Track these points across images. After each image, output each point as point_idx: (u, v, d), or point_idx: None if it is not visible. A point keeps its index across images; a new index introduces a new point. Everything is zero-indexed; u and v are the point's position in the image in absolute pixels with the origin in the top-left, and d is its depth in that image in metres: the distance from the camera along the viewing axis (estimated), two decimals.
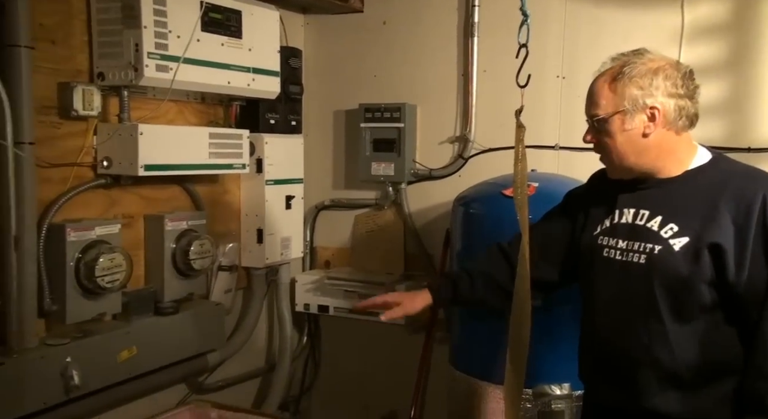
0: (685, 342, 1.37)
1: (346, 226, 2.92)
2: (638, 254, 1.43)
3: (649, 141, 1.42)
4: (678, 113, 1.41)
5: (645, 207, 1.45)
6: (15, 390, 1.77)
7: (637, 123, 1.41)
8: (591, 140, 1.49)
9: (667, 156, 1.44)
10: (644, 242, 1.43)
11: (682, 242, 1.38)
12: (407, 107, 2.68)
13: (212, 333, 2.42)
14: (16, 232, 1.80)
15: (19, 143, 1.77)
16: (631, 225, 1.46)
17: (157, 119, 2.24)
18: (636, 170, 1.46)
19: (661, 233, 1.40)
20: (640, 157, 1.43)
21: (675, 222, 1.40)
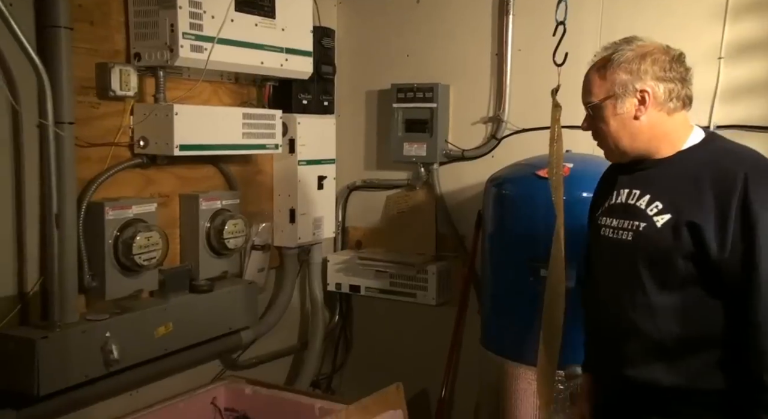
0: (668, 315, 1.41)
1: (377, 206, 2.93)
2: (626, 232, 1.49)
3: (640, 123, 1.47)
4: (668, 96, 1.46)
5: (637, 187, 1.51)
6: (58, 363, 1.82)
7: (627, 107, 1.47)
8: (587, 127, 1.55)
9: (660, 138, 1.49)
10: (632, 220, 1.49)
11: (664, 219, 1.43)
12: (440, 87, 2.66)
13: (246, 311, 2.46)
14: (57, 210, 1.84)
15: (59, 123, 1.81)
16: (624, 204, 1.52)
17: (191, 100, 2.26)
18: (631, 153, 1.51)
19: (647, 210, 1.46)
20: (633, 140, 1.49)
21: (661, 200, 1.45)
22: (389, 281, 2.74)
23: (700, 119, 2.27)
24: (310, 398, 2.41)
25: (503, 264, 2.25)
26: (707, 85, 2.24)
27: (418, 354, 2.80)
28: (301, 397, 2.41)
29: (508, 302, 2.21)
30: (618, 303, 1.48)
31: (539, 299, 1.73)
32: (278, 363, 2.81)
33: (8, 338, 1.79)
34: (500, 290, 2.27)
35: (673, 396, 1.43)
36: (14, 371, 1.79)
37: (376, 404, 2.24)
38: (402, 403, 2.33)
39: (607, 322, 1.52)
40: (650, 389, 1.46)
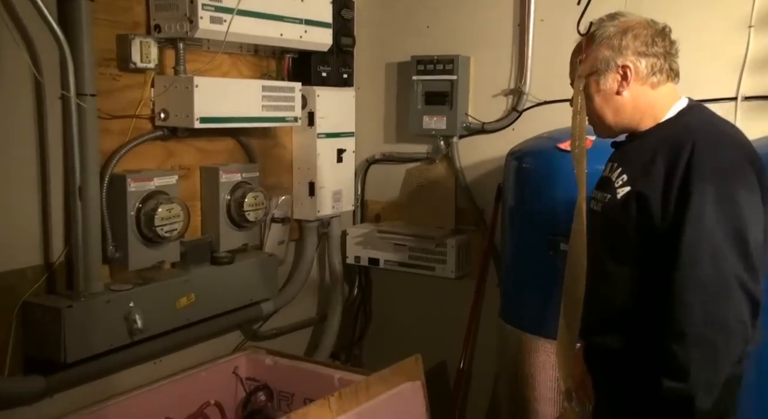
0: (623, 285, 1.45)
1: (396, 180, 2.92)
2: (599, 203, 1.55)
3: (623, 98, 1.50)
4: (650, 70, 1.48)
5: (616, 160, 1.55)
6: (84, 332, 1.86)
7: (610, 82, 1.50)
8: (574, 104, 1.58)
9: (643, 111, 1.51)
10: (605, 192, 1.53)
11: (624, 191, 1.46)
12: (460, 59, 2.62)
13: (266, 283, 2.48)
14: (81, 182, 1.87)
15: (81, 95, 1.82)
16: (604, 177, 1.57)
17: (211, 72, 2.26)
18: (615, 128, 1.54)
19: (614, 183, 1.50)
20: (617, 114, 1.52)
21: (627, 173, 1.48)
22: (408, 254, 2.74)
23: (728, 90, 2.22)
24: (330, 369, 2.44)
25: (523, 238, 2.24)
26: (736, 54, 2.19)
27: (436, 327, 2.81)
28: (321, 368, 2.45)
29: (528, 276, 2.20)
30: (589, 269, 1.53)
31: (559, 272, 1.73)
32: (298, 335, 2.85)
33: (36, 306, 1.83)
34: (520, 264, 2.26)
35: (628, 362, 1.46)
36: (42, 338, 1.83)
37: (395, 375, 2.26)
38: (421, 375, 2.35)
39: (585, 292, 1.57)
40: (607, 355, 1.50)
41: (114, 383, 2.10)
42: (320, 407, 1.99)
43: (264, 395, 2.44)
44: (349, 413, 2.05)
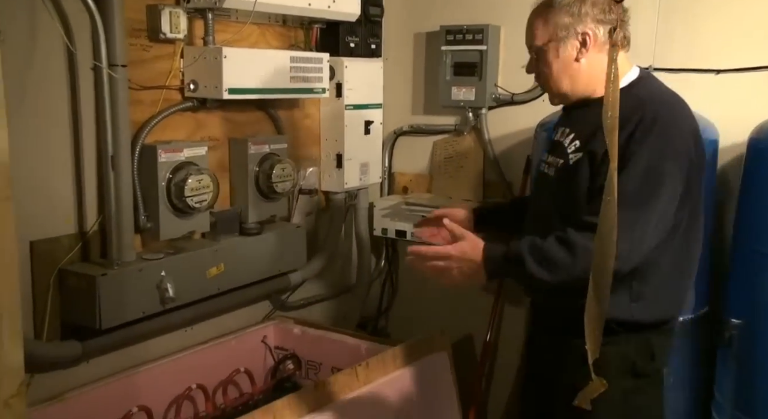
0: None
1: (424, 152, 2.91)
2: (552, 167, 1.60)
3: (580, 66, 1.54)
4: (607, 37, 1.51)
5: (568, 125, 1.60)
6: (117, 299, 1.90)
7: (569, 49, 1.54)
8: (530, 70, 1.63)
9: (598, 79, 1.53)
10: (557, 156, 1.59)
11: (577, 157, 1.52)
12: (490, 29, 2.58)
13: (294, 254, 2.50)
14: (113, 152, 1.89)
15: (112, 66, 1.83)
16: (555, 142, 1.62)
17: (240, 43, 2.26)
18: (571, 96, 1.59)
19: (567, 148, 1.55)
20: (574, 82, 1.56)
21: (579, 139, 1.54)
22: None
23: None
24: (357, 339, 2.47)
25: None
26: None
27: (463, 299, 2.81)
28: (348, 338, 2.48)
29: None
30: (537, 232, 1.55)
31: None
32: (325, 305, 2.88)
33: (71, 274, 1.87)
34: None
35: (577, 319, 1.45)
36: (78, 305, 1.87)
37: (421, 346, 2.28)
38: (447, 346, 2.37)
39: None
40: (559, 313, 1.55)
41: (147, 349, 2.16)
42: (348, 376, 2.02)
43: (292, 363, 2.48)
44: (377, 383, 2.08)
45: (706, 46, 2.25)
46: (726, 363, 2.07)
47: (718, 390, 2.11)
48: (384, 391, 2.10)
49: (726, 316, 2.03)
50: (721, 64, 2.22)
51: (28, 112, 1.76)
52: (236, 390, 2.36)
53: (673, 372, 2.11)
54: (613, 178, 1.54)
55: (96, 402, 1.94)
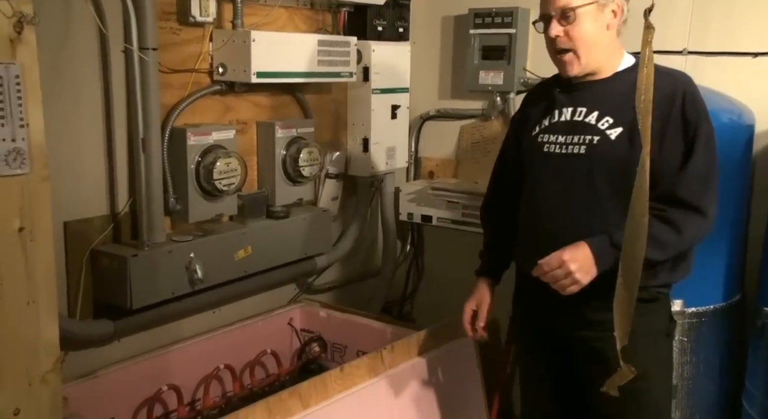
0: (621, 221, 1.47)
1: (451, 137, 2.89)
2: (578, 146, 1.60)
3: (609, 35, 1.59)
4: (623, 15, 1.59)
5: (582, 105, 1.62)
6: (148, 280, 1.93)
7: (606, 16, 1.57)
8: (558, 33, 1.59)
9: (610, 55, 1.61)
10: (583, 134, 1.60)
11: (617, 132, 1.56)
12: (520, 12, 2.54)
13: (320, 238, 2.52)
14: (144, 134, 1.91)
15: (143, 49, 1.85)
16: (570, 121, 1.63)
17: (268, 26, 2.26)
18: (592, 65, 1.60)
19: (598, 125, 1.58)
20: (600, 51, 1.59)
21: (610, 116, 1.57)
22: (461, 212, 2.73)
23: None
24: (382, 323, 2.48)
25: None
26: None
27: None
28: (373, 322, 2.49)
29: None
30: (570, 212, 1.61)
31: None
32: (350, 289, 2.89)
33: (103, 254, 1.91)
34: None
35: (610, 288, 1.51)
36: (110, 285, 1.91)
37: (447, 331, 2.28)
38: None
39: (556, 232, 1.61)
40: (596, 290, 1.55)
41: (176, 330, 2.19)
42: (373, 359, 2.03)
43: (318, 346, 2.51)
44: (402, 366, 2.09)
45: (742, 29, 2.19)
46: (758, 352, 2.04)
47: (749, 379, 2.08)
48: (409, 375, 2.11)
49: (759, 304, 2.00)
50: (758, 47, 2.17)
51: (61, 94, 1.79)
52: (263, 371, 2.40)
53: (704, 361, 2.09)
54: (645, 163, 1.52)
55: (127, 380, 1.99)
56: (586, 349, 1.67)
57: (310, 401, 1.82)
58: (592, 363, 1.66)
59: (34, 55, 1.31)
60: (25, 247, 1.33)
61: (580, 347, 1.68)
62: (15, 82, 1.28)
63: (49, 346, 1.40)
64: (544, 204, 1.68)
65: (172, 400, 2.07)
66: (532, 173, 1.71)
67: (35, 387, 1.37)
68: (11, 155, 1.29)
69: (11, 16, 1.25)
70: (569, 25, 1.57)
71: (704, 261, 1.78)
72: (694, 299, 2.05)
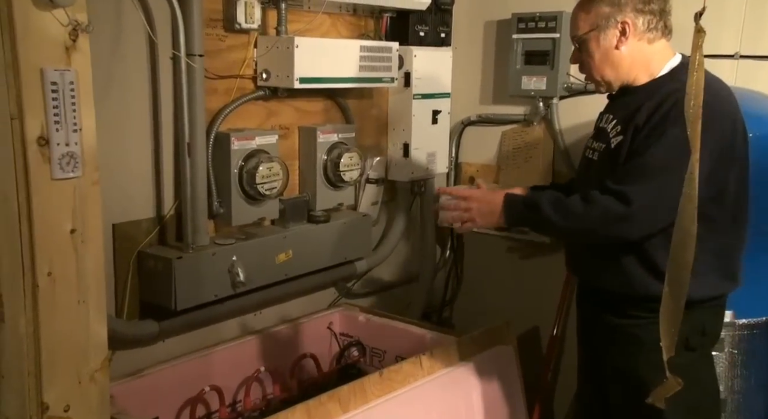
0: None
1: (492, 142, 2.87)
2: (596, 152, 1.69)
3: (621, 53, 1.62)
4: (646, 27, 1.61)
5: (612, 112, 1.69)
6: (192, 282, 1.96)
7: (610, 37, 1.62)
8: (575, 60, 1.72)
9: (639, 66, 1.64)
10: (601, 141, 1.68)
11: (618, 140, 1.61)
12: (564, 16, 2.51)
13: (360, 242, 2.52)
14: (189, 139, 1.95)
15: (190, 55, 1.88)
16: (601, 128, 1.70)
17: (311, 32, 2.29)
18: (614, 83, 1.67)
19: (609, 133, 1.64)
20: (615, 69, 1.64)
21: (620, 123, 1.62)
22: None
23: None
24: (421, 328, 2.47)
25: None
26: None
27: (529, 291, 2.78)
28: (412, 327, 2.48)
29: None
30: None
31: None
32: (390, 294, 2.89)
33: (149, 256, 1.95)
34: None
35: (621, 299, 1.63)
36: (155, 286, 1.95)
37: (486, 338, 2.26)
38: (512, 339, 2.34)
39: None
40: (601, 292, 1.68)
41: (218, 331, 2.23)
42: (412, 365, 2.03)
43: (357, 350, 2.51)
44: (441, 373, 2.08)
45: None
46: None
47: None
48: (448, 382, 2.09)
49: None
50: None
51: (111, 100, 1.83)
52: (303, 374, 2.41)
53: (755, 374, 2.03)
54: (694, 171, 1.48)
55: (171, 380, 2.02)
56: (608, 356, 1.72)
57: (350, 405, 1.83)
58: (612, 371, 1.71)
59: (88, 62, 1.35)
60: (77, 248, 1.37)
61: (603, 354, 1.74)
62: (69, 89, 1.32)
63: (98, 345, 1.43)
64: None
65: (214, 401, 2.10)
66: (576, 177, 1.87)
67: (84, 384, 1.41)
68: (65, 158, 1.33)
69: (67, 25, 1.30)
70: (580, 53, 1.70)
71: (756, 272, 1.73)
72: (745, 310, 1.99)
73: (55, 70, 1.29)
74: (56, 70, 1.30)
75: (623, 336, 1.66)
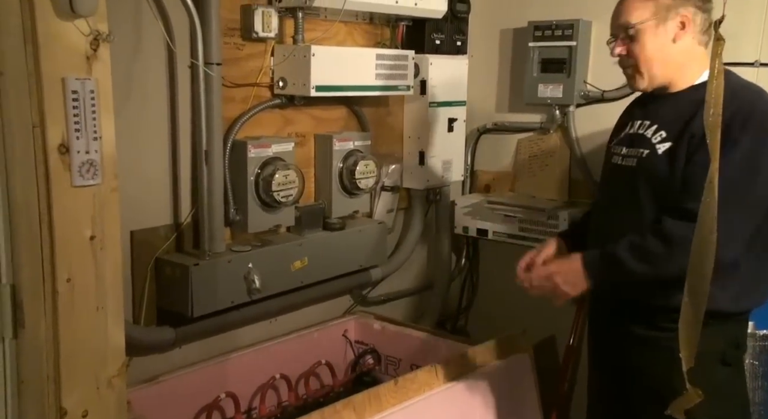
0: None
1: (508, 150, 2.86)
2: (632, 158, 1.62)
3: (676, 48, 1.56)
4: (702, 26, 1.55)
5: (648, 118, 1.63)
6: (208, 288, 1.97)
7: (669, 29, 1.55)
8: (621, 51, 1.61)
9: (685, 67, 1.58)
10: (639, 147, 1.61)
11: (665, 147, 1.55)
12: (581, 24, 2.50)
13: (375, 250, 2.52)
14: (207, 147, 1.96)
15: (208, 64, 1.90)
16: (635, 134, 1.65)
17: (328, 41, 2.30)
18: (658, 79, 1.60)
19: (651, 139, 1.59)
20: (665, 65, 1.58)
21: (665, 129, 1.57)
22: (518, 226, 2.69)
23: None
24: (436, 337, 2.46)
25: None
26: None
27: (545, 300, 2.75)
28: (428, 335, 2.48)
29: None
30: (617, 224, 1.62)
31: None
32: (405, 302, 2.89)
33: (166, 263, 1.96)
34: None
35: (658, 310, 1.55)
36: (172, 293, 1.96)
37: (502, 347, 2.25)
38: (529, 348, 2.32)
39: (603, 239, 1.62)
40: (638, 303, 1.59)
41: (234, 338, 2.23)
42: (427, 373, 2.02)
43: (372, 358, 2.51)
44: (456, 381, 2.07)
45: None
46: None
47: None
48: (463, 391, 2.08)
49: None
50: None
51: (130, 108, 1.85)
52: (317, 381, 2.41)
53: None
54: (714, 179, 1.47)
55: (188, 386, 2.03)
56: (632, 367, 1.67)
57: (365, 413, 1.82)
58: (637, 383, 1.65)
59: (108, 71, 1.37)
60: (96, 255, 1.38)
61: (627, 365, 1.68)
62: (90, 97, 1.34)
63: (116, 351, 1.44)
64: (602, 215, 1.74)
65: (229, 408, 2.10)
66: (601, 184, 1.82)
67: (102, 390, 1.42)
68: (85, 166, 1.35)
69: (88, 34, 1.31)
70: (631, 43, 1.60)
71: None
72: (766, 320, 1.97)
73: (76, 79, 1.31)
74: (77, 79, 1.31)
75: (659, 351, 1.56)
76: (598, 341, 1.84)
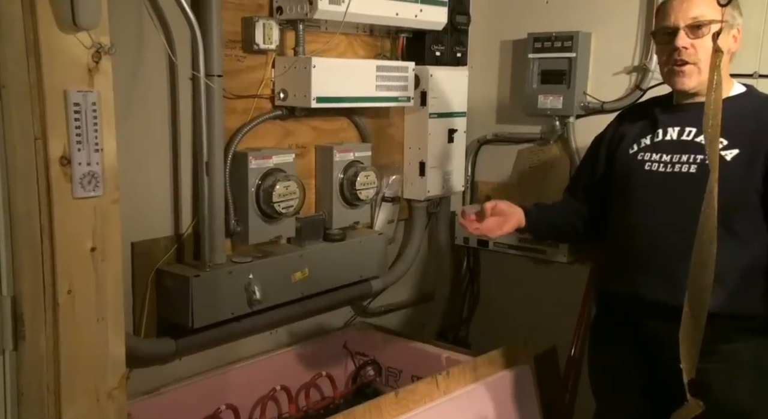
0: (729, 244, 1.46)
1: (508, 161, 2.86)
2: (687, 165, 1.60)
3: (727, 57, 1.59)
4: (738, 44, 1.63)
5: (691, 125, 1.62)
6: (209, 300, 1.97)
7: (729, 38, 1.60)
8: (686, 45, 1.59)
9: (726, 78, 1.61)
10: (694, 154, 1.60)
11: (733, 154, 1.54)
12: (581, 35, 2.51)
13: (376, 261, 2.52)
14: (208, 158, 1.97)
15: (209, 75, 1.91)
16: (678, 141, 1.63)
17: (328, 52, 2.31)
18: (704, 84, 1.53)
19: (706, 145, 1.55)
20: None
21: (724, 137, 1.51)
22: (518, 236, 2.69)
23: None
24: (437, 348, 2.46)
25: None
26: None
27: (547, 311, 2.75)
28: (428, 346, 2.47)
29: None
30: (675, 232, 1.55)
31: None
32: (406, 313, 2.88)
33: (167, 274, 1.96)
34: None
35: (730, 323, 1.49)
36: (173, 304, 1.96)
37: (503, 358, 2.24)
38: (530, 359, 2.32)
39: (659, 251, 1.60)
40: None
41: (234, 350, 2.23)
42: (428, 384, 2.01)
43: (373, 370, 2.50)
44: (457, 393, 2.06)
45: None
46: None
47: None
48: (464, 402, 2.07)
49: None
50: None
51: (131, 120, 1.86)
52: (318, 393, 2.40)
53: None
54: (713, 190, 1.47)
55: (188, 398, 2.02)
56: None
57: None
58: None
59: (110, 83, 1.37)
60: (97, 266, 1.38)
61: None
62: (92, 109, 1.35)
63: (116, 363, 1.44)
64: (645, 222, 1.67)
65: None
66: (629, 191, 1.72)
67: (102, 402, 1.41)
68: (86, 178, 1.35)
69: (90, 47, 1.32)
70: (697, 39, 1.59)
71: None
72: None
73: (78, 92, 1.32)
74: (79, 92, 1.32)
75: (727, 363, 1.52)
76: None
